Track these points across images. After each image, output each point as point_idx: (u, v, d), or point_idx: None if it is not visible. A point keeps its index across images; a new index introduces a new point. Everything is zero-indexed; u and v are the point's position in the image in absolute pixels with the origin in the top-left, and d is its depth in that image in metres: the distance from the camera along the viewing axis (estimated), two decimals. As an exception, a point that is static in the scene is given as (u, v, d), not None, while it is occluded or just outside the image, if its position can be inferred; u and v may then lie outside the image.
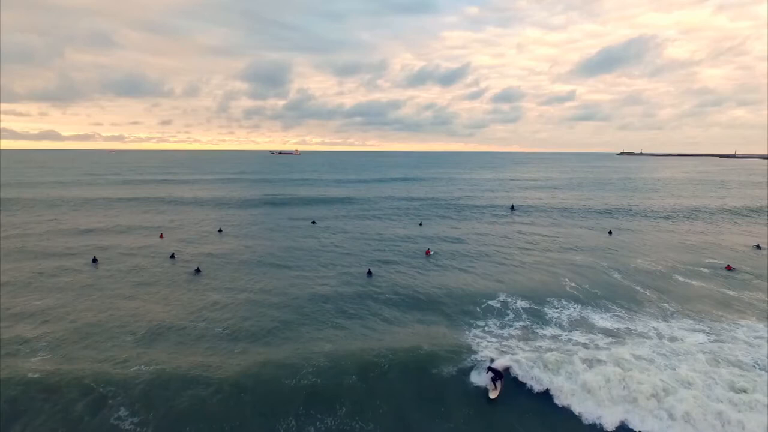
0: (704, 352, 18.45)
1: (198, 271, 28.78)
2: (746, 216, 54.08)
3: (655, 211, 56.89)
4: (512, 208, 59.62)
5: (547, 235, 42.46)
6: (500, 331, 20.62)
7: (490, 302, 24.10)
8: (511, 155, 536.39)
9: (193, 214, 53.13)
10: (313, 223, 46.92)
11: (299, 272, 29.31)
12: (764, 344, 19.32)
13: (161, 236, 39.96)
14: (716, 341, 19.69)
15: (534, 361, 17.01)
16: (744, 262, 31.87)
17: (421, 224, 48.43)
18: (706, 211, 56.59)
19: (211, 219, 49.51)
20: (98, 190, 77.91)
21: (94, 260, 30.90)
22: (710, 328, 21.26)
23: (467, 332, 20.39)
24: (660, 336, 20.42)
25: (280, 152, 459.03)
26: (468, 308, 23.27)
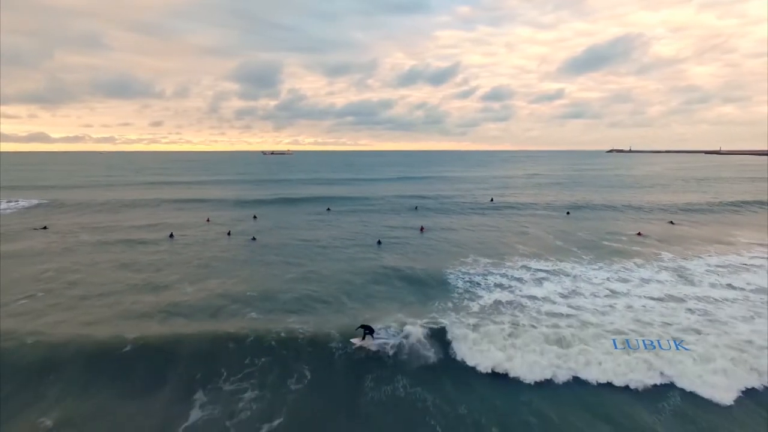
0: (605, 281, 29.28)
1: (254, 239, 39.19)
2: (691, 206, 64.94)
3: (614, 201, 67.86)
4: (491, 200, 70.14)
5: (515, 220, 52.94)
6: (467, 270, 31.10)
7: (463, 259, 34.33)
8: (503, 153, 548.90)
9: (222, 210, 62.01)
10: (328, 209, 57.27)
11: (325, 243, 39.38)
12: (638, 281, 29.89)
13: (207, 220, 50.00)
14: (616, 277, 30.12)
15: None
16: (654, 232, 42.78)
17: (416, 208, 59.61)
18: (653, 203, 67.52)
19: (241, 212, 59.12)
20: (126, 192, 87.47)
21: (171, 236, 40.98)
22: (613, 269, 31.69)
23: (449, 272, 30.62)
24: (575, 274, 30.81)
25: (272, 152, 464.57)
26: (448, 262, 33.39)
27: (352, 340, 19.47)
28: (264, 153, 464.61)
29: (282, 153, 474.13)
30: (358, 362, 18.48)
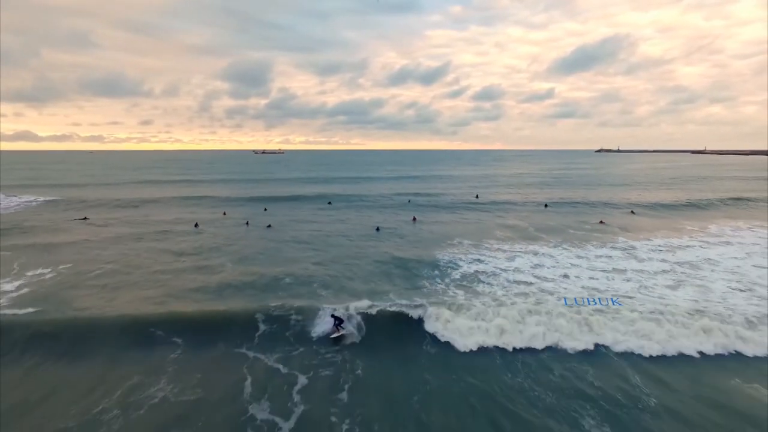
0: (565, 258, 35.84)
1: (269, 226, 45.27)
2: (658, 200, 72.09)
3: (588, 197, 74.77)
4: (477, 197, 76.77)
5: (497, 213, 59.45)
6: (452, 251, 37.56)
7: (450, 241, 40.88)
8: (494, 153, 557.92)
9: (233, 205, 67.40)
10: (329, 203, 63.50)
11: (330, 232, 45.56)
12: (592, 258, 36.57)
13: (224, 213, 55.89)
14: (574, 255, 36.81)
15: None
16: (615, 221, 49.65)
17: (409, 201, 66.94)
18: (623, 198, 74.62)
19: (251, 206, 64.90)
20: (135, 190, 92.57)
21: (196, 225, 46.88)
22: (573, 249, 38.37)
23: (437, 251, 37.04)
24: (541, 253, 37.39)
25: (264, 152, 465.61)
26: (436, 244, 39.83)
27: (331, 336, 21.24)
28: (255, 152, 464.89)
29: (274, 152, 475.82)
30: (366, 317, 24.52)
